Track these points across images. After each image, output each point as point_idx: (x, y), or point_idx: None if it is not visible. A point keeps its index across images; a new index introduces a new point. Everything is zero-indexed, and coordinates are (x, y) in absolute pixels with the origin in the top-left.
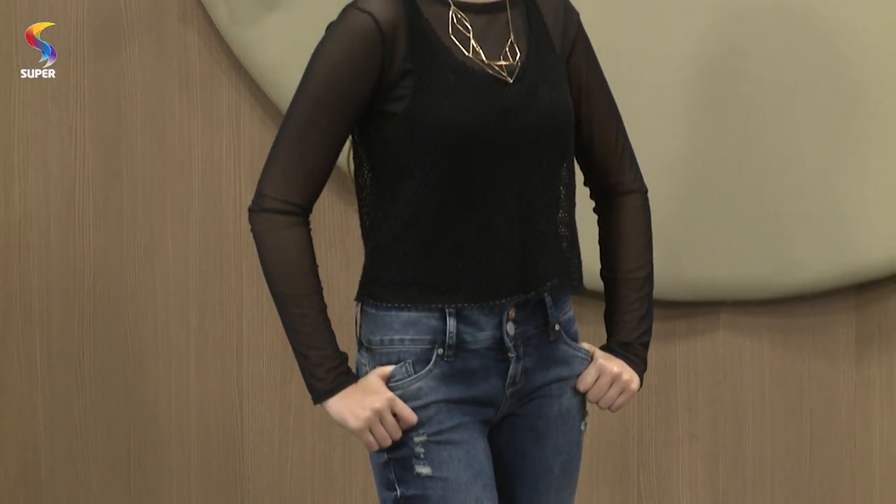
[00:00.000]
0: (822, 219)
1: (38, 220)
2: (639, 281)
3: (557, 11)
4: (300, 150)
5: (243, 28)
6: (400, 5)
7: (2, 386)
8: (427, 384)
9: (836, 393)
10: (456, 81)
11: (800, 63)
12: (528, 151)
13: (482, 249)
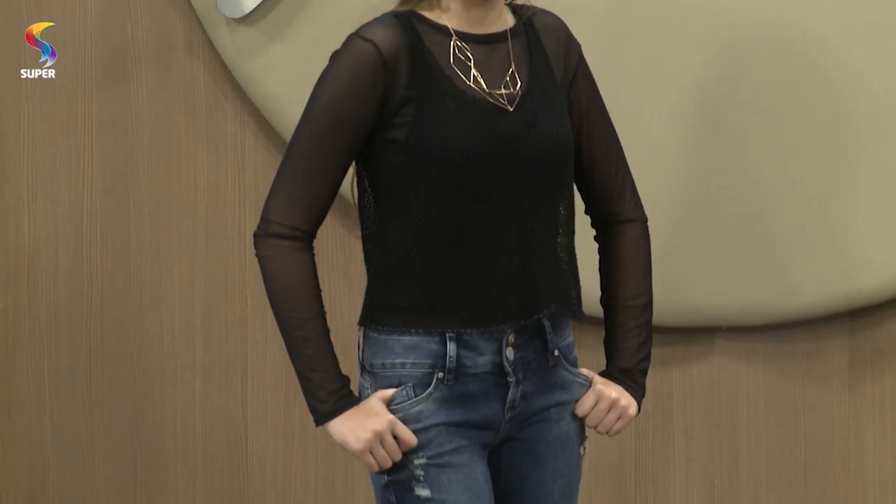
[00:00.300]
0: (816, 246)
1: (47, 247)
2: (637, 308)
3: (559, 42)
4: (304, 177)
5: (248, 59)
6: (402, 34)
7: (11, 409)
8: (427, 407)
9: (830, 417)
10: (456, 109)
11: (792, 93)
12: (528, 178)
13: (481, 275)
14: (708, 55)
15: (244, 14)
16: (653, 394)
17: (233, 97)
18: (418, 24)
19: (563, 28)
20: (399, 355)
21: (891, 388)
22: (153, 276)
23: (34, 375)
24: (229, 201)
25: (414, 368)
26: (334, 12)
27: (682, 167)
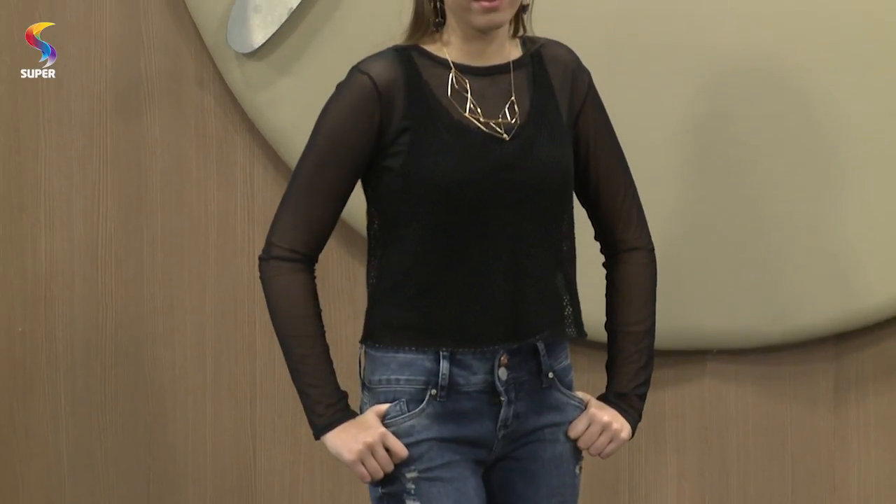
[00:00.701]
0: (803, 273)
1: (63, 273)
2: (637, 335)
3: (566, 72)
4: (306, 203)
5: (256, 92)
6: (399, 67)
7: (28, 429)
8: (419, 422)
9: (816, 437)
10: (449, 139)
11: (779, 125)
12: (522, 206)
13: (472, 298)
14: (700, 90)
15: (253, 49)
16: (647, 413)
17: (242, 129)
18: (418, 58)
19: (572, 59)
20: (395, 372)
21: (875, 410)
22: (165, 302)
23: (51, 397)
24: (239, 230)
25: (408, 385)
26: (339, 47)
27: (675, 196)
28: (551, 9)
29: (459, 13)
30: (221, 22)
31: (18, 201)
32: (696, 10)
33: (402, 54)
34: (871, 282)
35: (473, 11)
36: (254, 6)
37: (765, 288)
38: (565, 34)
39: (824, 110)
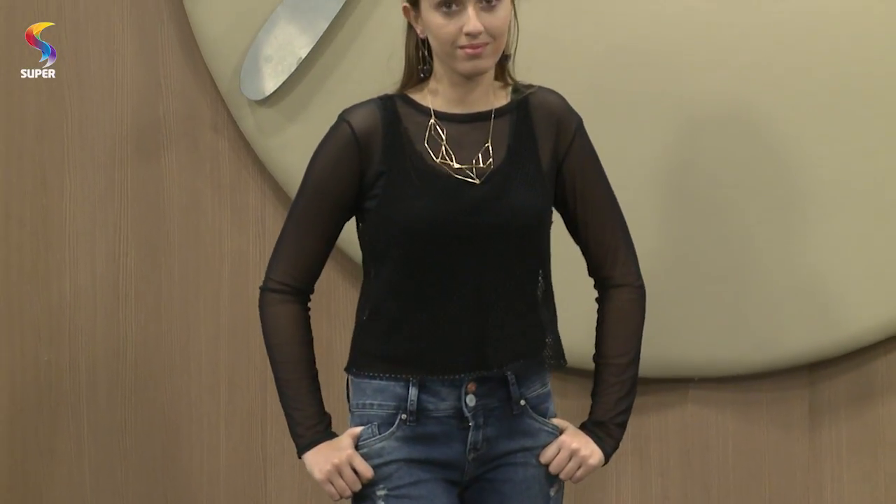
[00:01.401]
0: (778, 307)
1: (86, 307)
2: (621, 367)
3: (552, 118)
4: (296, 241)
5: (267, 137)
6: (379, 115)
7: (53, 453)
8: (389, 444)
9: (792, 460)
10: (420, 184)
11: (756, 168)
12: (490, 246)
13: (439, 331)
14: (681, 136)
15: (265, 96)
16: (632, 437)
17: (254, 172)
18: (401, 106)
19: (559, 105)
20: (369, 397)
21: (847, 435)
22: (182, 334)
23: (74, 423)
24: (251, 267)
25: (381, 409)
26: (344, 96)
27: (659, 235)
28: (539, 57)
29: (445, 59)
30: (235, 71)
31: (45, 239)
32: (676, 62)
33: (385, 103)
34: (842, 314)
35: (458, 58)
36: (265, 56)
37: (743, 320)
38: (552, 81)
39: (797, 155)
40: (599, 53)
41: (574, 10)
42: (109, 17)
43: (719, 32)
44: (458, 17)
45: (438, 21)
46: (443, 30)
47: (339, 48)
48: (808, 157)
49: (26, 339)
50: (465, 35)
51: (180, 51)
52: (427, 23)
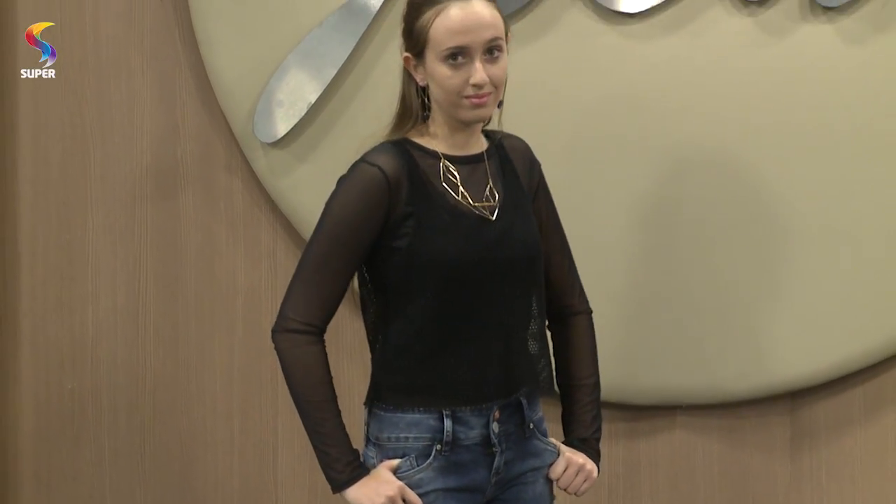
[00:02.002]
0: (761, 337)
1: (108, 338)
2: (589, 387)
3: (524, 160)
4: (318, 280)
5: (279, 178)
6: (401, 159)
7: (76, 475)
8: (427, 475)
9: (775, 483)
10: (450, 221)
11: (737, 207)
12: (508, 277)
13: (475, 361)
14: (665, 177)
15: (276, 139)
16: (623, 461)
17: (266, 210)
18: (412, 150)
19: (527, 149)
20: (403, 430)
21: (826, 459)
22: (198, 364)
23: (96, 447)
24: (263, 300)
25: (416, 442)
26: (351, 139)
27: (646, 270)
28: (533, 104)
29: (448, 108)
30: (248, 114)
31: (69, 273)
32: (660, 109)
33: (399, 147)
34: (822, 345)
35: (463, 107)
36: (277, 101)
37: (727, 351)
38: (545, 127)
39: (777, 194)
40: (589, 102)
41: (565, 60)
42: (130, 64)
43: (701, 81)
44: (464, 69)
45: (445, 72)
46: (450, 80)
47: (347, 94)
48: (788, 196)
49: (51, 367)
50: (472, 86)
51: (197, 95)
52: (433, 73)
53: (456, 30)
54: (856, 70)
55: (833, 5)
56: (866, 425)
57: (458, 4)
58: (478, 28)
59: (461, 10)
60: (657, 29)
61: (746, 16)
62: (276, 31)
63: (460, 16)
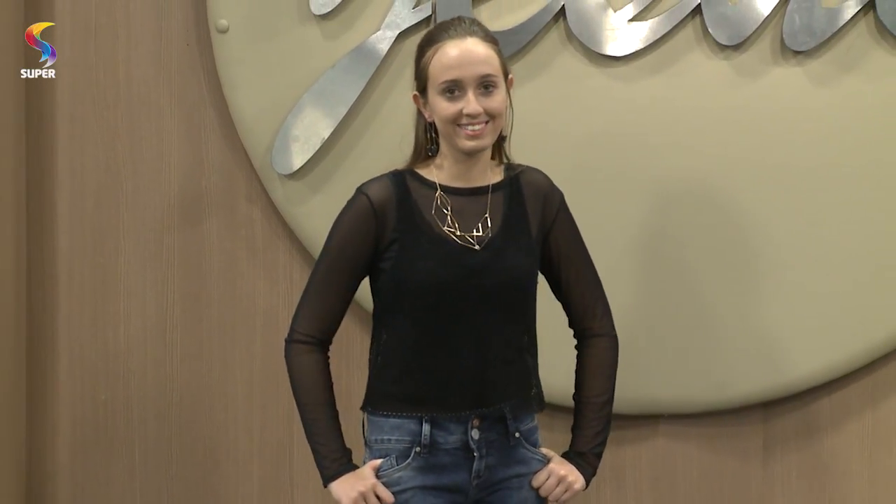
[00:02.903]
0: (737, 353)
1: (138, 354)
2: (598, 405)
3: (539, 194)
4: (319, 298)
5: (295, 206)
6: (393, 188)
7: (109, 478)
8: (406, 474)
9: (748, 486)
10: (429, 248)
11: (716, 235)
12: (487, 303)
13: (447, 375)
14: (650, 207)
15: (292, 171)
16: (610, 466)
17: (283, 236)
18: (411, 180)
19: (545, 183)
20: (387, 433)
21: (796, 464)
22: (220, 376)
23: (127, 452)
24: (281, 318)
25: (398, 443)
26: (361, 171)
27: (632, 292)
28: (529, 141)
29: (448, 138)
30: (267, 149)
31: (102, 294)
32: (645, 144)
33: (397, 177)
34: (791, 360)
35: (460, 136)
36: (293, 136)
37: (706, 365)
38: (541, 161)
39: (752, 223)
40: (580, 137)
41: (557, 99)
42: (159, 103)
43: (682, 119)
44: (459, 101)
45: (443, 104)
46: (446, 111)
47: (357, 130)
48: (760, 223)
49: (86, 380)
50: (466, 116)
51: (220, 132)
52: (433, 106)
53: (450, 65)
54: (823, 109)
55: (802, 49)
56: (832, 434)
57: (454, 42)
58: (471, 63)
59: (456, 48)
60: (641, 71)
61: (723, 59)
62: (293, 73)
63: (454, 52)
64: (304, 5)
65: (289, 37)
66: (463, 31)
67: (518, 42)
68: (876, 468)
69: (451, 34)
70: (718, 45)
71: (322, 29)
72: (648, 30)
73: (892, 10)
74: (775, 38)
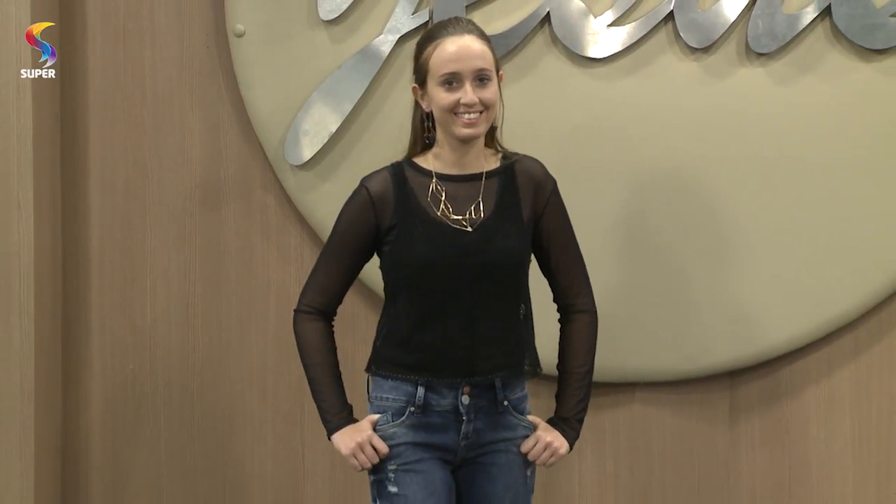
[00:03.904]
0: (706, 326)
1: (163, 328)
2: (580, 375)
3: (531, 181)
4: (324, 277)
5: (305, 194)
6: (391, 179)
7: (136, 441)
8: (400, 430)
9: (716, 447)
10: (423, 231)
11: (689, 218)
12: (478, 281)
13: (440, 346)
14: (628, 193)
15: (303, 162)
16: (591, 429)
17: (294, 221)
18: (409, 170)
19: (538, 171)
20: (386, 392)
21: (759, 427)
22: (237, 349)
23: (153, 418)
24: (292, 295)
25: (395, 402)
26: (366, 162)
27: (612, 270)
28: (518, 134)
29: (446, 125)
30: (280, 142)
31: (130, 275)
32: (619, 137)
33: (396, 169)
34: (755, 332)
35: (457, 124)
36: (303, 130)
37: (678, 338)
38: (529, 152)
39: (722, 207)
40: (565, 131)
41: (542, 97)
42: (182, 101)
43: (655, 115)
44: (457, 91)
45: (442, 94)
46: (444, 100)
47: (361, 124)
48: (729, 211)
49: (115, 352)
50: (463, 105)
51: (237, 127)
52: (433, 96)
53: (450, 59)
54: (784, 106)
55: (765, 52)
56: (792, 399)
57: (452, 39)
58: (468, 58)
59: (454, 43)
60: (619, 71)
61: (693, 61)
62: (303, 73)
63: (454, 48)
64: (314, 12)
65: (299, 40)
66: (461, 28)
67: (507, 45)
68: (831, 430)
69: (449, 31)
70: (689, 48)
71: (329, 33)
72: (626, 34)
73: (846, 16)
74: (740, 42)
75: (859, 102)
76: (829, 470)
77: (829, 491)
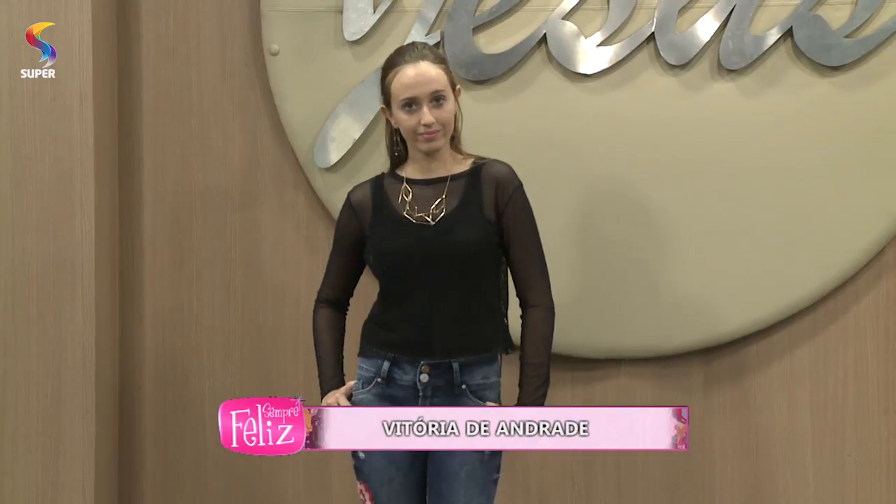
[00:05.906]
0: (683, 310)
1: (207, 307)
2: (534, 365)
3: (494, 181)
4: (331, 273)
5: (332, 193)
6: (370, 189)
7: (185, 409)
8: (367, 398)
9: (692, 415)
10: (391, 227)
11: (663, 217)
12: (441, 269)
13: (404, 328)
14: (609, 193)
15: (330, 165)
16: (581, 400)
17: (323, 217)
18: (387, 179)
19: (503, 172)
20: (363, 364)
21: (730, 398)
22: (273, 328)
23: (198, 387)
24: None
25: (366, 373)
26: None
27: (600, 263)
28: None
29: (410, 142)
30: (310, 147)
31: (178, 262)
32: (607, 144)
33: (377, 180)
34: (725, 315)
35: (419, 141)
36: (331, 137)
37: (659, 319)
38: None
39: (694, 206)
40: (559, 139)
41: (541, 109)
42: (224, 110)
43: (639, 124)
44: (416, 113)
45: (403, 117)
46: (406, 122)
47: (380, 133)
48: (703, 208)
49: (165, 330)
50: (423, 125)
51: (272, 134)
52: (397, 118)
53: (408, 85)
54: (751, 116)
55: (735, 68)
56: (757, 374)
57: (410, 65)
58: (424, 83)
59: (412, 70)
60: (607, 86)
61: (671, 76)
62: (330, 87)
63: (411, 74)
64: (339, 33)
65: (327, 59)
66: (416, 55)
67: (508, 63)
68: (793, 401)
69: (406, 59)
70: (668, 65)
71: (353, 52)
72: (612, 53)
73: (806, 37)
74: (713, 60)
75: (818, 113)
76: (790, 434)
77: (790, 452)
